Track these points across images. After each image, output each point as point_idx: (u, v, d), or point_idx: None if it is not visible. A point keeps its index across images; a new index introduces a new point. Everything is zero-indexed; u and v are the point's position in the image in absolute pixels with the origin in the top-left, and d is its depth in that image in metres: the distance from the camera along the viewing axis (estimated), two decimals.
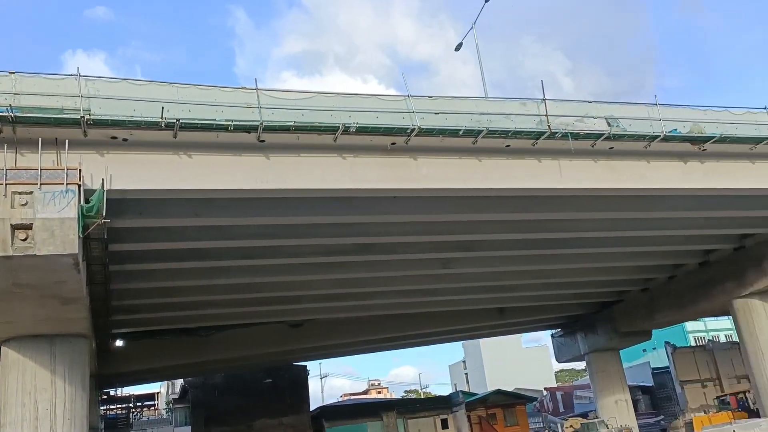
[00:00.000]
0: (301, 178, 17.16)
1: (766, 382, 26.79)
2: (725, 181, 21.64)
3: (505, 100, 19.50)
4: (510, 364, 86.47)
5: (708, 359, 48.78)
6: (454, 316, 36.73)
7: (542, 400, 60.68)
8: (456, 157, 18.75)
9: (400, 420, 40.86)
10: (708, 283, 30.10)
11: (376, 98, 17.91)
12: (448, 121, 17.97)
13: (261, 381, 40.37)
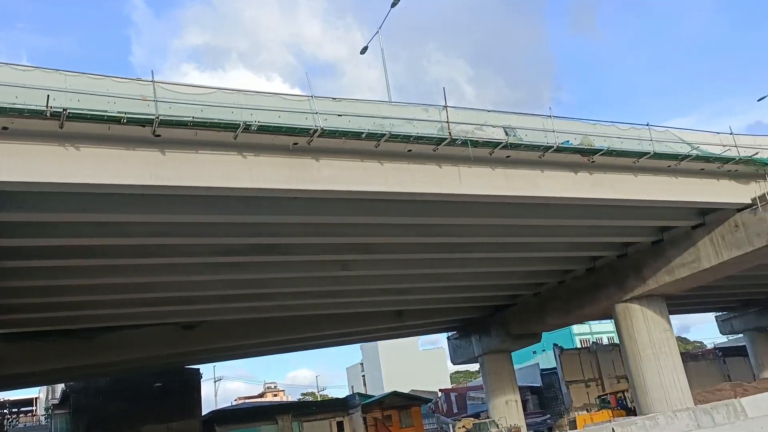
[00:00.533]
0: (199, 175, 16.60)
1: (642, 381, 28.52)
2: (611, 192, 22.87)
3: (408, 105, 19.74)
4: (407, 366, 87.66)
5: (592, 360, 51.52)
6: (352, 318, 36.74)
7: (437, 401, 61.81)
8: (358, 160, 18.76)
9: (296, 423, 40.44)
10: (593, 288, 31.70)
11: (280, 97, 17.63)
12: (351, 123, 17.94)
13: (150, 385, 38.76)
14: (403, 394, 49.08)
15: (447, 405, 60.28)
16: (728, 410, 19.13)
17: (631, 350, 29.19)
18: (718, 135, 24.74)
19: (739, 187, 25.52)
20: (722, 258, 26.52)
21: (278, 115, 16.92)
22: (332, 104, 18.08)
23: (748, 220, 25.48)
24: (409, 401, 47.28)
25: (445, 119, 19.31)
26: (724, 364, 59.19)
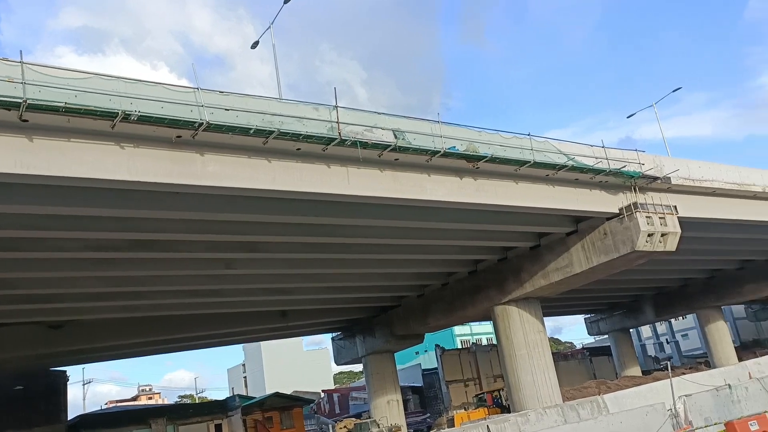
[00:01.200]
0: (71, 165, 15.51)
1: (516, 380, 29.75)
2: (494, 197, 23.67)
3: (299, 103, 19.46)
4: (290, 367, 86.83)
5: (471, 360, 53.28)
6: (235, 318, 35.88)
7: (320, 402, 61.65)
8: (245, 157, 18.30)
9: (171, 426, 38.82)
10: (475, 290, 32.71)
11: (163, 87, 16.80)
12: (239, 118, 17.44)
13: (10, 388, 35.87)
14: (284, 396, 48.47)
15: (329, 406, 60.25)
16: (592, 406, 20.32)
17: (507, 350, 30.35)
18: (592, 148, 26.26)
19: (609, 198, 27.19)
20: (592, 263, 28.14)
21: (161, 105, 16.16)
22: (220, 98, 17.50)
23: (615, 228, 27.20)
24: (290, 402, 46.72)
25: (336, 119, 19.24)
26: (591, 363, 63.04)
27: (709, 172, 30.95)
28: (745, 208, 32.68)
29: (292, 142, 18.65)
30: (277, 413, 44.27)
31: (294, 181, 19.25)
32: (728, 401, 21.18)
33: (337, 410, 58.35)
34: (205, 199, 19.02)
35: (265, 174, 18.71)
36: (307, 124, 18.80)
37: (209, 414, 41.43)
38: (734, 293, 49.50)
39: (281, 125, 18.05)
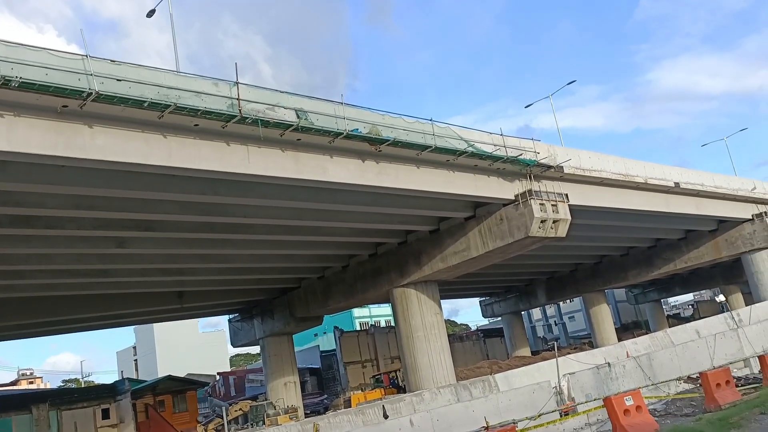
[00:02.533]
0: None
1: (413, 361, 30.35)
2: (395, 181, 23.88)
3: (197, 77, 18.76)
4: (185, 349, 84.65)
5: (369, 342, 53.92)
6: (127, 299, 34.49)
7: (215, 384, 60.58)
8: (139, 131, 17.48)
9: (53, 412, 36.89)
10: (375, 273, 33.00)
11: (49, 53, 15.66)
12: (132, 90, 16.57)
13: None
14: (178, 379, 47.26)
15: (225, 388, 59.32)
16: (484, 385, 21.04)
17: (405, 332, 30.87)
18: (491, 135, 26.95)
19: (506, 184, 28.08)
20: (488, 247, 29.02)
21: (46, 72, 15.08)
22: (111, 67, 16.55)
23: (511, 214, 28.15)
24: (184, 385, 45.58)
25: (236, 96, 18.70)
26: (485, 344, 65.40)
27: (598, 162, 32.59)
28: (629, 198, 34.69)
29: (190, 118, 17.98)
30: (169, 397, 43.08)
31: (191, 158, 18.60)
32: (607, 378, 22.48)
33: (233, 393, 57.54)
34: (94, 173, 18.02)
35: (161, 150, 17.96)
36: (206, 99, 18.16)
37: (96, 399, 39.66)
38: (618, 278, 52.63)
39: (178, 99, 17.33)
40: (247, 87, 19.43)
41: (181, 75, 18.54)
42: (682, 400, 22.28)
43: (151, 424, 40.90)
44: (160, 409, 42.10)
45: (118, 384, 42.78)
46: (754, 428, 15.52)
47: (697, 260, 47.24)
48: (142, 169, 18.19)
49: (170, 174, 19.10)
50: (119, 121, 17.00)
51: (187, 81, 18.23)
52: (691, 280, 67.50)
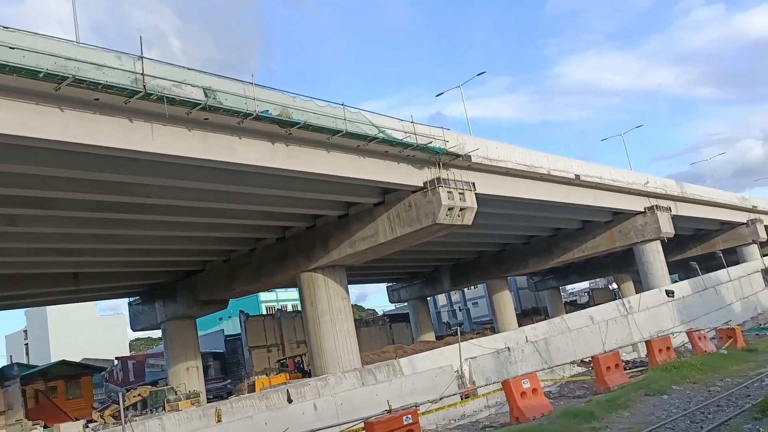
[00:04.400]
0: None
1: (319, 346, 30.34)
2: (305, 165, 23.63)
3: (99, 49, 17.77)
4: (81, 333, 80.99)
5: (275, 326, 53.47)
6: (18, 279, 32.63)
7: (113, 370, 58.42)
8: (33, 103, 16.41)
9: None
10: (282, 257, 32.68)
11: None
12: (26, 59, 15.50)
13: None
14: (72, 363, 45.20)
15: (124, 374, 57.32)
16: (389, 369, 21.32)
17: (311, 316, 30.79)
18: (402, 122, 27.16)
19: (415, 171, 28.41)
20: (396, 234, 29.32)
21: None
22: (4, 34, 15.44)
23: (419, 201, 28.54)
24: (78, 371, 43.64)
25: (141, 71, 17.89)
26: (391, 329, 66.34)
27: (505, 153, 33.54)
28: (533, 188, 35.94)
29: (90, 91, 17.05)
30: (62, 382, 41.15)
31: (90, 133, 17.67)
32: (507, 362, 23.34)
33: (131, 378, 55.67)
34: None
35: (57, 124, 16.96)
36: (108, 73, 17.27)
37: None
38: (520, 265, 54.55)
39: (77, 71, 16.38)
40: (153, 62, 18.63)
41: (81, 46, 17.51)
42: (575, 383, 23.45)
43: (41, 411, 38.95)
44: (52, 396, 40.15)
45: (6, 369, 40.43)
46: (638, 408, 16.53)
47: (593, 250, 49.64)
48: (36, 143, 17.11)
49: (67, 150, 18.09)
50: (12, 92, 15.90)
51: (88, 52, 17.25)
52: (587, 269, 70.96)
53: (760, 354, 23.93)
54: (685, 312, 33.41)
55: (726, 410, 14.42)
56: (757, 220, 62.63)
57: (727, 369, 20.88)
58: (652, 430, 13.36)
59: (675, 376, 19.87)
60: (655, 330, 29.78)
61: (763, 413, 12.43)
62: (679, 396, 17.48)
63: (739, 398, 15.72)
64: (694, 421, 13.87)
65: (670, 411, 15.49)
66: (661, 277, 46.01)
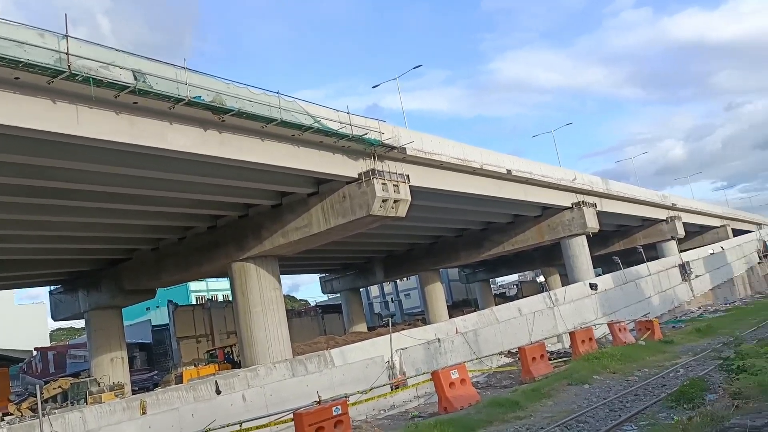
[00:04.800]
0: None
1: (249, 336, 29.96)
2: (238, 153, 23.23)
3: (20, 26, 16.91)
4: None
5: (205, 317, 52.51)
6: None
7: (31, 361, 56.08)
8: None
9: None
10: (213, 246, 32.06)
11: None
12: None
13: None
14: None
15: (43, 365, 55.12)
16: (320, 360, 21.26)
17: (242, 307, 30.38)
18: (338, 112, 27.04)
19: (350, 162, 28.35)
20: (330, 224, 29.23)
21: None
22: None
23: (354, 192, 28.52)
24: None
25: (65, 50, 17.14)
26: (323, 320, 66.25)
27: (439, 146, 33.89)
28: (466, 182, 36.47)
29: (10, 70, 16.23)
30: None
31: (10, 114, 16.83)
32: (437, 353, 23.70)
33: (52, 369, 53.57)
34: None
35: None
36: (30, 51, 16.47)
37: None
38: (452, 258, 55.34)
39: None
40: (79, 41, 17.89)
41: (0, 22, 16.63)
42: (503, 373, 24.04)
43: None
44: None
45: None
46: (561, 397, 17.08)
47: (522, 243, 50.85)
48: None
49: None
50: None
51: (8, 29, 16.38)
52: (517, 262, 72.70)
53: (675, 345, 25.13)
54: (607, 304, 34.71)
55: (643, 399, 15.08)
56: (676, 217, 65.53)
57: (644, 359, 21.84)
58: (573, 418, 13.83)
59: (596, 366, 20.63)
60: (579, 322, 30.82)
61: (677, 402, 13.04)
62: (599, 385, 18.17)
63: (655, 388, 16.47)
64: (612, 409, 14.44)
65: (591, 400, 16.08)
66: (585, 270, 47.60)
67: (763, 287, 57.19)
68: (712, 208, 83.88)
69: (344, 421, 14.08)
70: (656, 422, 11.75)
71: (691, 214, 72.18)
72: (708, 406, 11.37)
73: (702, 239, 75.72)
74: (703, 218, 76.84)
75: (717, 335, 26.05)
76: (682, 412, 11.93)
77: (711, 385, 13.88)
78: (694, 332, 28.82)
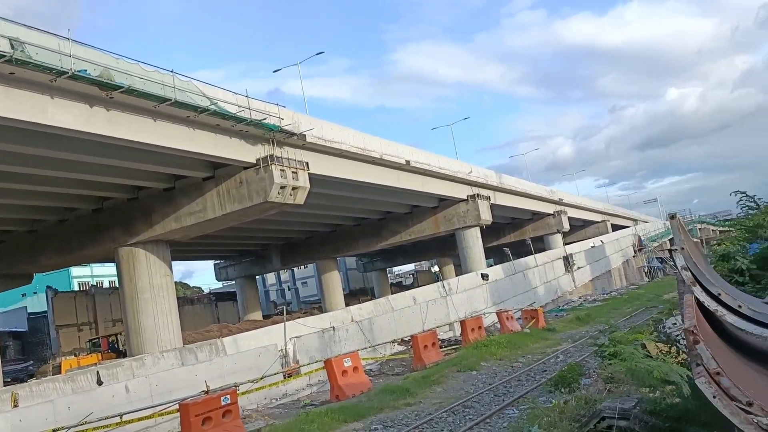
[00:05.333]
0: None
1: (137, 324, 28.76)
2: (127, 132, 22.14)
3: None
4: None
5: (89, 304, 49.86)
6: None
7: None
8: None
9: None
10: (98, 229, 30.49)
11: None
12: None
13: None
14: None
15: None
16: (211, 349, 20.73)
17: (129, 294, 29.11)
18: (236, 95, 26.34)
19: (248, 147, 27.73)
20: (226, 210, 28.52)
21: None
22: None
23: (251, 178, 27.95)
24: None
25: None
26: (216, 307, 64.67)
27: (340, 134, 33.81)
28: (365, 171, 36.62)
29: None
30: None
31: None
32: (331, 341, 23.68)
33: None
34: None
35: None
36: None
37: None
38: (350, 246, 55.52)
39: None
40: None
41: None
42: (395, 361, 24.37)
43: None
44: None
45: None
46: (450, 384, 17.53)
47: (419, 233, 51.77)
48: None
49: None
50: None
51: None
52: (413, 252, 73.94)
53: (557, 333, 26.39)
54: (497, 294, 35.98)
55: (525, 384, 15.73)
56: (563, 211, 68.83)
57: (529, 346, 22.79)
58: (460, 403, 14.22)
59: (484, 354, 21.32)
60: (471, 310, 31.76)
61: (556, 387, 13.69)
62: (486, 372, 18.79)
63: (537, 373, 17.22)
64: (497, 394, 14.97)
65: (478, 386, 16.59)
66: (478, 261, 49.11)
67: (636, 279, 61.23)
68: (594, 204, 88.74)
69: (233, 411, 13.77)
70: (536, 406, 12.27)
71: (576, 209, 76.03)
72: (583, 390, 12.00)
73: (584, 233, 79.96)
74: (586, 213, 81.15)
75: (594, 323, 27.56)
76: (560, 396, 12.53)
77: (587, 370, 14.65)
78: (574, 320, 30.39)
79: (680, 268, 9.16)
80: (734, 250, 23.14)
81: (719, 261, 23.08)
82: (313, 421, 13.93)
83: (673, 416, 8.05)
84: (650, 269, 65.73)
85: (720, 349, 8.11)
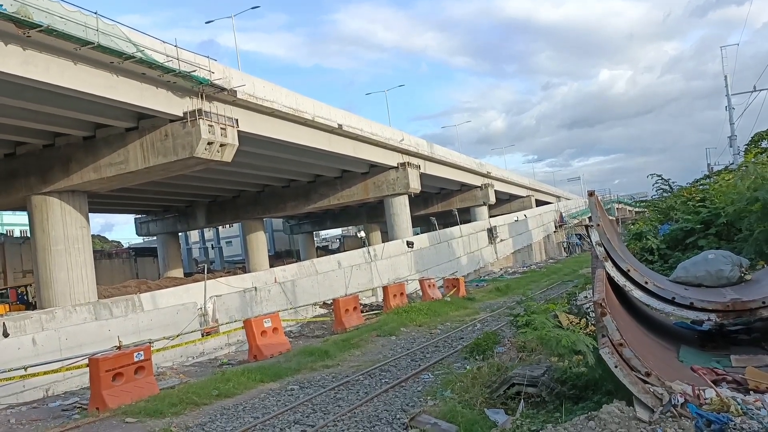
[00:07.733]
0: None
1: (48, 276, 27.65)
2: (44, 74, 20.94)
3: None
4: None
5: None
6: None
7: None
8: None
9: None
10: (11, 176, 29.00)
11: None
12: None
13: None
14: None
15: None
16: (127, 304, 20.19)
17: (42, 244, 27.89)
18: (165, 44, 25.28)
19: (175, 99, 26.78)
20: (149, 163, 27.59)
21: None
22: None
23: (177, 131, 27.07)
24: None
25: None
26: (136, 263, 62.87)
27: (272, 93, 33.10)
28: (297, 132, 36.08)
29: None
30: None
31: None
32: (253, 302, 23.51)
33: None
34: None
35: None
36: None
37: None
38: (278, 208, 54.88)
39: None
40: None
41: None
42: (316, 323, 24.48)
43: None
44: None
45: None
46: (369, 348, 17.76)
47: (348, 198, 51.71)
48: None
49: None
50: None
51: None
52: (342, 217, 73.94)
53: (476, 302, 27.09)
54: (421, 262, 36.52)
55: (442, 350, 16.09)
56: (490, 185, 70.17)
57: (448, 314, 23.30)
58: (378, 367, 14.43)
59: (404, 320, 21.67)
60: (394, 277, 32.14)
61: (471, 354, 14.06)
62: (405, 337, 19.11)
63: (454, 340, 17.64)
64: (414, 359, 15.26)
65: (396, 351, 16.87)
66: (405, 229, 49.57)
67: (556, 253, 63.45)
68: (520, 179, 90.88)
69: (146, 368, 13.49)
70: (451, 372, 12.58)
71: (503, 183, 77.67)
72: (497, 358, 12.37)
73: (510, 207, 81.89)
74: (512, 188, 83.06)
75: (513, 294, 28.39)
76: (475, 362, 12.88)
77: (502, 339, 15.09)
78: (494, 291, 31.26)
79: (594, 243, 9.51)
80: (647, 230, 24.34)
81: (632, 240, 24.22)
82: (229, 380, 13.84)
83: (579, 384, 8.41)
84: (569, 245, 68.22)
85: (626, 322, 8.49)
